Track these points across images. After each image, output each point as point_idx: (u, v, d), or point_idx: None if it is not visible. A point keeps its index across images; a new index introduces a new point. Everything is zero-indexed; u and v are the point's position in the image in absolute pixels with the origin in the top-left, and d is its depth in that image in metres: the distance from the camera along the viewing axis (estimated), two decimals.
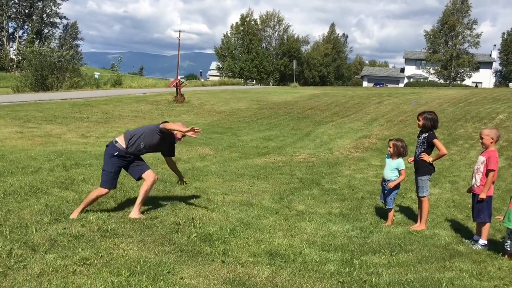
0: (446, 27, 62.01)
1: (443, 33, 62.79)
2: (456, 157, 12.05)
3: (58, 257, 4.23)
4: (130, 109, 20.44)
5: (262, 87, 48.68)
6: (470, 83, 65.60)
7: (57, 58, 32.04)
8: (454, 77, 63.02)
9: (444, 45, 63.30)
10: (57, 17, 66.36)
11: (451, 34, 62.51)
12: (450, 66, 62.31)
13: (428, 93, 29.33)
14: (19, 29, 65.52)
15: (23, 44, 60.42)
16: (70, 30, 67.97)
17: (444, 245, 5.52)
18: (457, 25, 61.60)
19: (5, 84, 38.86)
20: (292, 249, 5.05)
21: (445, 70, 62.75)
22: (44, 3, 65.20)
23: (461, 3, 61.97)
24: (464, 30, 62.16)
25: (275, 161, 10.97)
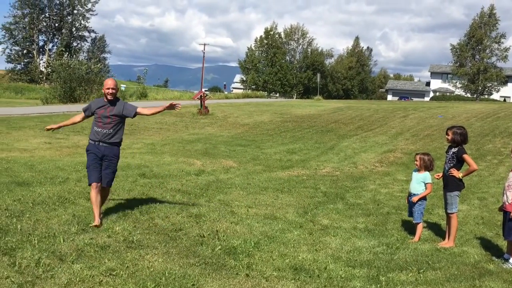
0: (473, 40, 61.15)
1: (470, 47, 61.91)
2: (484, 173, 11.79)
3: (85, 267, 4.28)
4: (155, 121, 20.68)
5: (285, 100, 48.74)
6: (498, 97, 64.38)
7: (85, 71, 32.79)
8: (481, 91, 61.94)
9: (471, 59, 62.37)
10: (86, 30, 68.11)
11: (478, 47, 61.59)
12: (478, 80, 61.29)
13: (454, 107, 28.88)
14: (49, 42, 67.39)
15: (53, 57, 62.05)
16: (98, 44, 69.54)
17: (473, 263, 5.38)
18: (485, 38, 60.68)
19: (35, 95, 39.92)
20: (316, 264, 4.99)
21: (472, 84, 61.74)
22: (73, 17, 66.99)
23: (489, 17, 61.10)
24: (491, 44, 61.20)
25: (299, 175, 10.92)
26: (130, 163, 10.48)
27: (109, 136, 6.02)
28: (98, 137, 6.00)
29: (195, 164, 11.12)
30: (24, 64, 65.24)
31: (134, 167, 9.98)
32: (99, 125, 6.03)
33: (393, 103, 40.09)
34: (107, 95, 6.05)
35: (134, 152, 12.49)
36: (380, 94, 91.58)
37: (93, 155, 6.01)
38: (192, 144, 14.95)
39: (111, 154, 6.05)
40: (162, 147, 13.96)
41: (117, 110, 6.09)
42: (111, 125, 6.04)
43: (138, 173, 9.29)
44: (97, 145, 6.00)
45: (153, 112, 6.40)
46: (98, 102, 6.17)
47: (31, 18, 63.89)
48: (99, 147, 6.01)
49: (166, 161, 11.24)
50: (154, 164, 10.68)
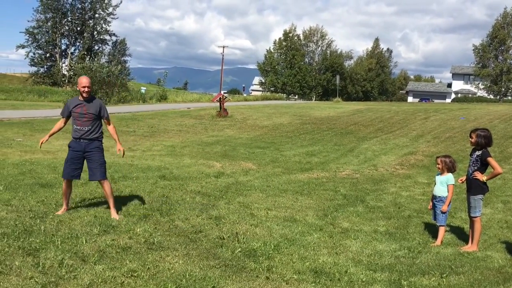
0: (496, 41, 60.19)
1: (493, 48, 60.95)
2: (508, 176, 11.56)
3: (107, 268, 4.33)
4: (174, 123, 20.85)
5: (304, 102, 48.60)
6: None
7: (106, 74, 33.23)
8: (504, 92, 60.89)
9: (494, 60, 61.39)
10: (107, 34, 68.89)
11: (501, 48, 60.62)
12: (501, 81, 60.26)
13: (477, 109, 28.41)
14: (71, 46, 68.41)
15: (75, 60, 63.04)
16: (119, 47, 70.31)
17: (498, 268, 5.27)
18: (508, 39, 59.67)
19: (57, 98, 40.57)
20: (337, 267, 4.95)
21: (495, 85, 60.72)
22: (95, 21, 67.91)
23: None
24: None
25: (319, 177, 10.87)
26: (150, 165, 10.57)
27: (88, 132, 6.20)
28: (79, 134, 6.19)
29: (214, 166, 11.16)
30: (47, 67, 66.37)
31: (154, 169, 10.07)
32: (78, 123, 6.20)
33: (414, 104, 39.62)
34: (83, 93, 6.21)
35: (154, 154, 12.60)
36: (400, 96, 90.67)
37: (73, 152, 6.23)
38: (212, 146, 15.01)
39: (92, 146, 6.23)
40: (182, 149, 14.05)
41: (94, 109, 6.26)
42: (89, 122, 6.21)
43: (158, 175, 9.37)
44: (78, 142, 6.21)
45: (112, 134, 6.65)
46: (74, 101, 6.32)
47: (54, 22, 64.98)
48: (80, 143, 6.21)
49: (186, 163, 11.31)
50: (174, 166, 10.75)
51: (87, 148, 6.20)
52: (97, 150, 6.30)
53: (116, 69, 35.34)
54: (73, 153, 6.22)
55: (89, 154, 6.22)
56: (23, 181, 8.01)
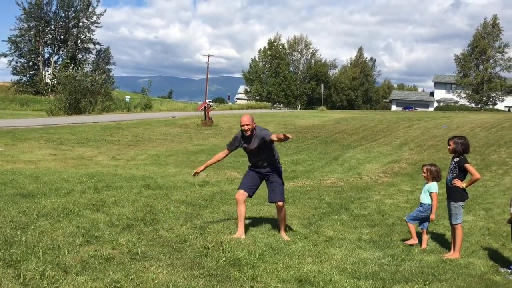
0: (476, 50, 61.20)
1: (474, 57, 61.94)
2: (489, 183, 11.73)
3: (90, 280, 4.27)
4: (159, 132, 20.76)
5: (289, 111, 48.81)
6: (503, 107, 64.25)
7: (90, 83, 33.00)
8: (485, 101, 61.86)
9: (475, 69, 62.40)
10: (91, 42, 68.47)
11: (482, 57, 61.62)
12: (482, 90, 61.25)
13: (459, 117, 28.84)
14: (54, 54, 67.82)
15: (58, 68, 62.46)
16: (103, 55, 69.93)
17: (480, 275, 5.33)
18: (488, 48, 60.73)
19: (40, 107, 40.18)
20: (321, 276, 4.96)
21: (477, 94, 61.69)
22: (78, 29, 67.49)
23: (492, 27, 61.20)
24: (495, 54, 61.22)
25: (303, 185, 10.90)
26: (134, 174, 10.50)
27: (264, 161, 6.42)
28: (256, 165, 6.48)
29: (199, 175, 11.11)
30: (29, 76, 65.66)
31: (139, 178, 10.00)
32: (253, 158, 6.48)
33: (397, 113, 40.05)
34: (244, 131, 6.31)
35: (139, 163, 12.52)
36: (384, 105, 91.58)
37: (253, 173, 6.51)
38: (197, 155, 14.97)
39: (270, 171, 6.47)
40: (167, 158, 13.99)
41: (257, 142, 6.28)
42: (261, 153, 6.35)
43: (143, 184, 9.31)
44: (257, 170, 6.49)
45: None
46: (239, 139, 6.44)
47: (37, 30, 64.40)
48: (259, 171, 6.49)
49: (170, 172, 11.25)
50: (159, 175, 10.70)
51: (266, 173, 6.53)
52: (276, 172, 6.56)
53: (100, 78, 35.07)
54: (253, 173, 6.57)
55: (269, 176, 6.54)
56: (4, 191, 7.89)
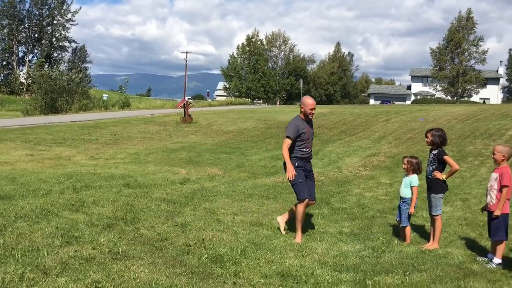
0: (451, 44, 62.18)
1: (449, 50, 62.95)
2: (466, 174, 11.96)
3: (70, 281, 4.22)
4: (138, 130, 20.57)
5: (269, 107, 48.87)
6: (478, 99, 65.50)
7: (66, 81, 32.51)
8: (461, 93, 62.96)
9: (451, 62, 63.43)
10: (66, 40, 67.32)
11: (457, 51, 62.65)
12: (457, 83, 62.31)
13: (435, 110, 29.28)
14: (29, 53, 66.56)
15: (33, 68, 61.32)
16: (79, 54, 68.84)
17: (458, 264, 5.45)
18: (463, 42, 61.77)
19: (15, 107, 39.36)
20: (303, 269, 5.00)
21: (452, 87, 62.74)
22: (53, 27, 66.32)
23: (466, 20, 62.25)
24: (470, 47, 62.32)
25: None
26: (114, 173, 10.39)
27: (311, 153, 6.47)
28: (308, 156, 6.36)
29: (179, 173, 11.07)
30: (3, 75, 64.32)
31: (118, 177, 9.90)
32: (308, 146, 6.33)
33: (375, 107, 40.48)
34: (310, 115, 6.30)
35: (118, 162, 12.39)
36: (362, 99, 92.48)
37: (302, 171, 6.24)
38: (176, 152, 14.89)
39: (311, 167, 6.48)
40: (146, 156, 13.87)
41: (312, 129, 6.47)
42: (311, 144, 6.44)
43: (122, 183, 9.21)
44: (305, 163, 6.33)
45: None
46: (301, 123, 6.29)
47: (10, 29, 63.08)
48: (307, 165, 6.36)
49: (150, 171, 11.17)
50: (138, 173, 10.61)
51: (310, 168, 6.46)
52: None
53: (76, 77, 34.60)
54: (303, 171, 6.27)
55: (311, 175, 6.44)
56: None
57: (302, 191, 6.18)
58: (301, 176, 6.18)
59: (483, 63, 62.21)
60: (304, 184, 6.20)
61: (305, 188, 6.19)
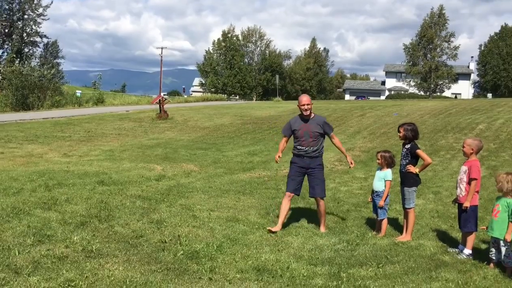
0: (424, 40, 63.26)
1: (422, 46, 64.02)
2: (438, 167, 12.20)
3: (42, 280, 4.16)
4: (113, 127, 20.31)
5: (245, 102, 48.85)
6: (450, 94, 66.83)
7: (38, 77, 31.82)
8: (434, 89, 64.13)
9: (423, 58, 64.50)
10: (38, 36, 65.74)
11: (429, 47, 63.76)
12: (430, 78, 63.43)
13: (409, 105, 29.75)
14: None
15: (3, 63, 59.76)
16: (51, 49, 67.31)
17: (430, 255, 5.56)
18: (435, 38, 62.90)
19: None
20: (279, 264, 5.03)
21: (425, 82, 63.85)
22: (24, 22, 64.70)
23: (438, 17, 63.39)
24: (442, 43, 63.51)
25: (260, 176, 10.97)
26: (87, 171, 10.24)
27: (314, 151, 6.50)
28: (305, 153, 6.47)
29: (155, 169, 10.98)
30: None
31: (92, 175, 9.76)
32: (303, 143, 6.46)
33: (351, 102, 40.90)
34: (304, 111, 6.45)
35: (92, 159, 12.21)
36: (338, 94, 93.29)
37: (296, 167, 6.51)
38: (152, 149, 14.77)
39: (314, 164, 6.49)
40: (121, 153, 13.71)
41: (317, 125, 6.50)
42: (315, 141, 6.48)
43: (97, 181, 9.08)
44: (302, 160, 6.49)
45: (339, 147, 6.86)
46: (295, 121, 6.57)
47: None
48: (303, 161, 6.49)
49: (125, 167, 11.05)
50: (113, 170, 10.48)
51: (311, 165, 6.49)
52: (319, 167, 6.53)
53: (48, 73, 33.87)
54: (296, 168, 6.50)
55: (312, 170, 6.49)
56: None
57: (287, 184, 6.64)
58: (292, 171, 6.62)
59: (454, 59, 63.55)
60: (291, 179, 6.57)
61: (290, 182, 6.57)
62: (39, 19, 64.99)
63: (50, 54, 66.62)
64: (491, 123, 18.27)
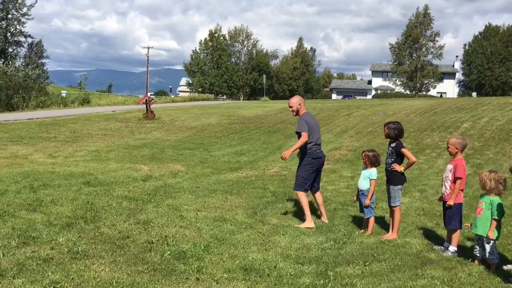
0: (410, 39, 63.73)
1: (407, 46, 64.49)
2: (424, 166, 12.32)
3: (27, 282, 4.11)
4: (99, 127, 20.15)
5: (232, 102, 48.82)
6: (435, 93, 67.51)
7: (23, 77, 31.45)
8: (419, 88, 64.67)
9: (409, 57, 64.99)
10: (22, 35, 64.90)
11: (415, 46, 64.25)
12: (415, 77, 63.95)
13: (395, 104, 29.99)
14: None
15: None
16: (35, 49, 66.56)
17: (416, 253, 5.61)
18: (421, 37, 63.41)
19: None
20: (266, 263, 5.04)
21: (411, 81, 64.34)
22: (8, 22, 63.86)
23: (424, 16, 63.92)
24: (427, 42, 64.04)
25: (248, 176, 10.98)
26: (73, 172, 10.15)
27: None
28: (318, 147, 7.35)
29: (142, 170, 10.92)
30: None
31: (78, 176, 9.68)
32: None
33: (338, 101, 41.07)
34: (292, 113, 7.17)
35: (78, 160, 12.10)
36: (325, 93, 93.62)
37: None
38: (139, 149, 14.68)
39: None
40: (107, 153, 13.61)
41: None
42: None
43: (82, 182, 9.01)
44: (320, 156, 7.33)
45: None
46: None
47: None
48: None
49: (111, 168, 10.97)
50: (99, 171, 10.40)
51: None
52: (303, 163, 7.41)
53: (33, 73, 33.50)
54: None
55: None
56: None
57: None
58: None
59: (439, 58, 64.08)
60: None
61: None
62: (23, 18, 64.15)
63: (35, 54, 65.89)
64: (476, 121, 18.49)
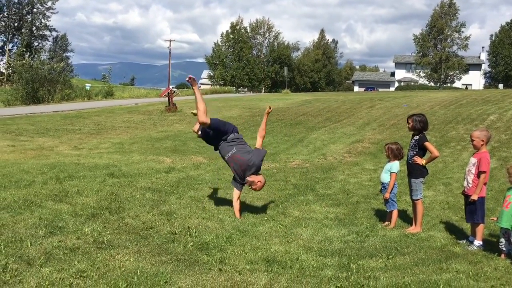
0: (434, 30, 62.63)
1: (432, 37, 63.40)
2: (448, 159, 12.12)
3: (54, 270, 4.20)
4: (122, 120, 20.40)
5: (253, 95, 48.80)
6: (460, 85, 66.19)
7: (48, 71, 32.00)
8: (444, 79, 63.56)
9: (433, 48, 63.92)
10: (47, 29, 66.11)
11: (439, 37, 63.12)
12: (440, 69, 62.86)
13: (419, 96, 29.53)
14: (8, 42, 65.25)
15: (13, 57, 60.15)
16: (60, 42, 67.69)
17: (440, 247, 5.54)
18: (446, 28, 62.24)
19: None
20: (289, 255, 5.04)
21: (435, 73, 63.28)
22: (33, 16, 65.04)
23: (449, 7, 62.67)
24: (452, 33, 62.85)
25: (269, 168, 10.98)
26: (98, 163, 10.31)
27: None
28: None
29: (164, 162, 11.03)
30: None
31: (102, 167, 9.82)
32: None
33: (360, 94, 40.67)
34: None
35: (102, 152, 12.29)
36: (346, 86, 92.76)
37: None
38: (161, 141, 14.82)
39: None
40: (131, 145, 13.78)
41: None
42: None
43: (107, 173, 9.14)
44: None
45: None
46: None
47: None
48: None
49: (135, 160, 11.11)
50: (123, 163, 10.54)
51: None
52: None
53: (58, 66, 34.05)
54: None
55: None
56: None
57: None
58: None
59: (465, 49, 62.88)
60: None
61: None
62: (48, 12, 65.37)
63: (59, 48, 67.01)
64: (502, 114, 18.09)
